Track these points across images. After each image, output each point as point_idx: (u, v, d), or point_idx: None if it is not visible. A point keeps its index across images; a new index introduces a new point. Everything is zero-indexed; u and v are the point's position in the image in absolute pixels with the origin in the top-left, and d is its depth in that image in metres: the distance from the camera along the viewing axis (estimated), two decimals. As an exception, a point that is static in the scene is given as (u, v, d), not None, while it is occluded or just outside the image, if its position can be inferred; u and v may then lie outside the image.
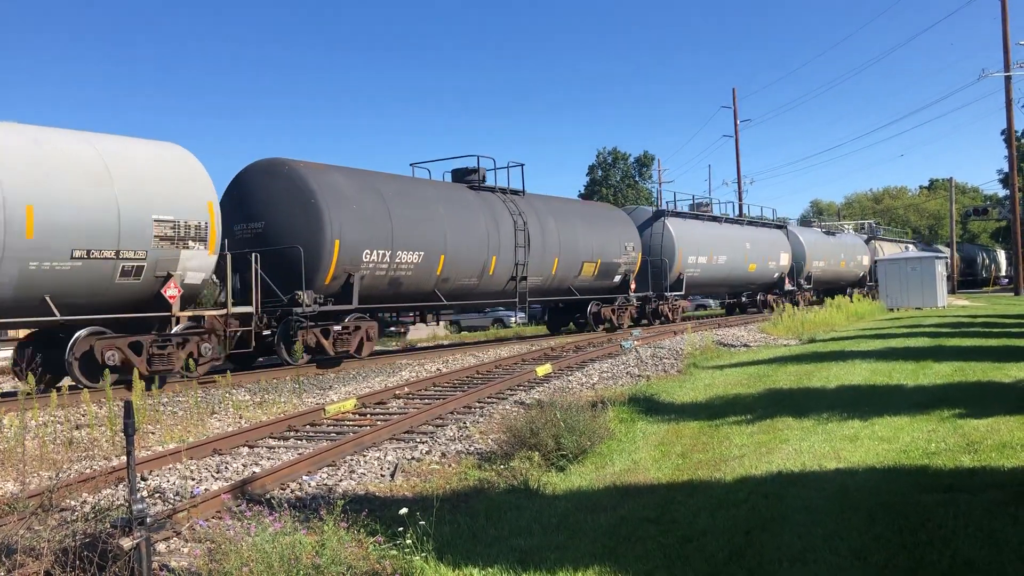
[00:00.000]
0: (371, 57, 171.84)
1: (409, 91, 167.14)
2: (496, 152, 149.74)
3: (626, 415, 10.00)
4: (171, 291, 13.36)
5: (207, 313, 14.40)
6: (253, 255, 15.20)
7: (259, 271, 15.16)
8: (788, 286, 36.68)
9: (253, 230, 16.31)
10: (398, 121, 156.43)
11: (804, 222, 44.41)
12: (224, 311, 14.62)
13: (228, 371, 12.89)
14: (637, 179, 73.15)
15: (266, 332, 15.92)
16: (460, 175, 21.94)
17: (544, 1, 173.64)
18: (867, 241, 48.28)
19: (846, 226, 51.96)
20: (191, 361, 13.50)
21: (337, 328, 16.49)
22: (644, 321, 28.06)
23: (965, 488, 5.57)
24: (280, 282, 15.61)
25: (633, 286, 26.80)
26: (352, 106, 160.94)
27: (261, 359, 17.13)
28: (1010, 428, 7.38)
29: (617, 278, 26.01)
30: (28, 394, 9.53)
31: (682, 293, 29.83)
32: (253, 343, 15.24)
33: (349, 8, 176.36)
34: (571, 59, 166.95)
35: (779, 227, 38.51)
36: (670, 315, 29.54)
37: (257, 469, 7.92)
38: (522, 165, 23.27)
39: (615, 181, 72.57)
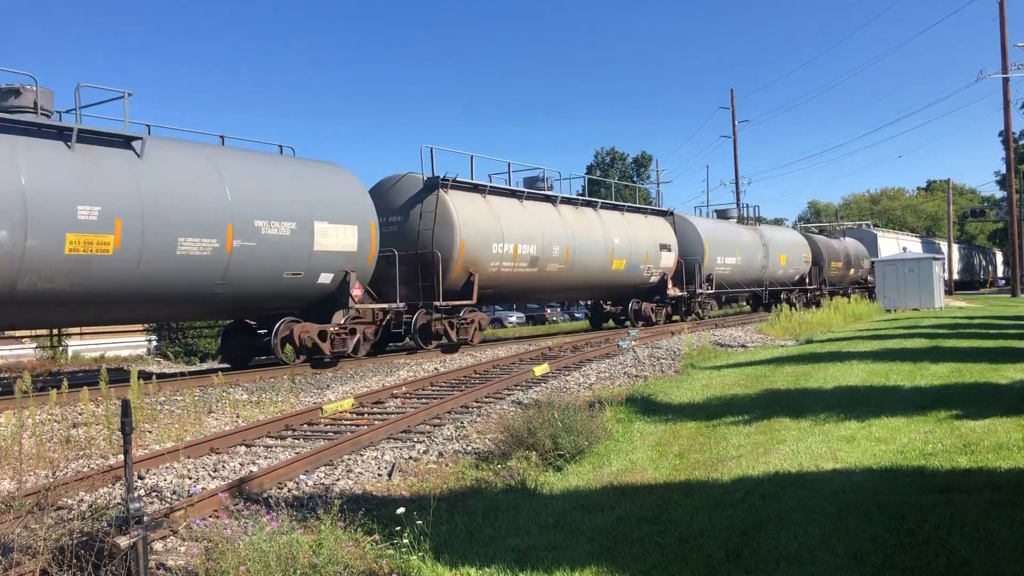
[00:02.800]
0: (368, 57, 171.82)
1: (407, 91, 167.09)
2: (495, 152, 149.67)
3: (623, 415, 10.00)
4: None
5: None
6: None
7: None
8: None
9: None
10: (395, 119, 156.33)
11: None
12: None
13: (220, 371, 12.86)
14: (635, 179, 73.22)
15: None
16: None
17: (541, 3, 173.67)
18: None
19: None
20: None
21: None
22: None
23: (962, 489, 5.58)
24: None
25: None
26: (350, 106, 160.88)
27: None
28: (1007, 429, 7.39)
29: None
30: (25, 392, 9.51)
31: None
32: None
33: (348, 8, 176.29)
34: (570, 60, 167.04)
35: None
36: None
37: (254, 468, 7.92)
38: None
39: (613, 181, 72.55)
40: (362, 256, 16.50)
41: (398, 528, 5.09)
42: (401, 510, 5.35)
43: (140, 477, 7.61)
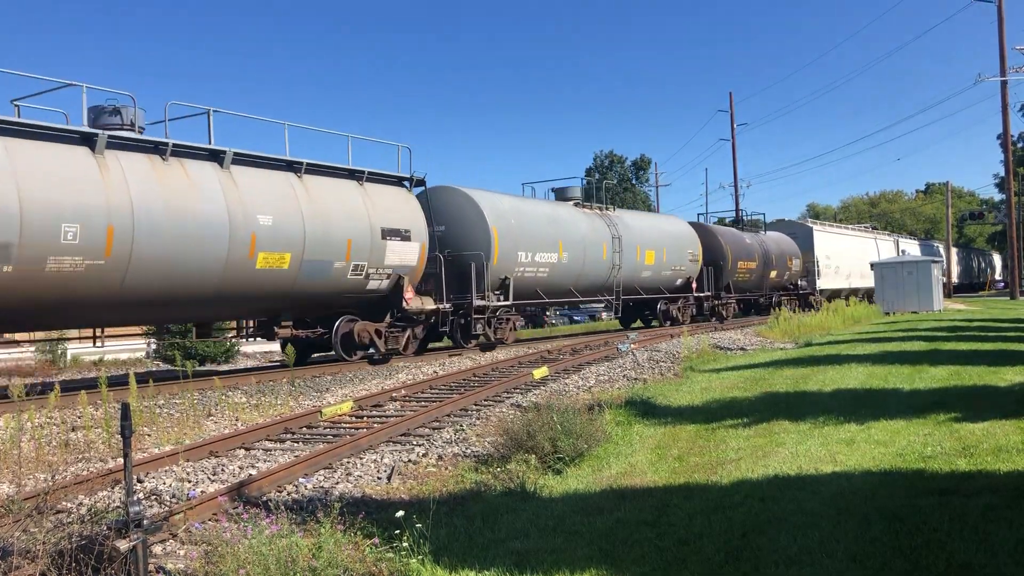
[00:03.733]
0: (366, 57, 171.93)
1: (404, 91, 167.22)
2: (493, 154, 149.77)
3: (623, 418, 10.01)
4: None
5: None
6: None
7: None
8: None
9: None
10: (395, 121, 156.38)
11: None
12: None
13: (216, 375, 12.84)
14: (634, 182, 73.30)
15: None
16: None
17: (540, 5, 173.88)
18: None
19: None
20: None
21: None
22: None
23: (961, 492, 5.58)
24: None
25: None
26: (351, 105, 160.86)
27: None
28: (1006, 432, 7.39)
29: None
30: (22, 396, 9.51)
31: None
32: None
33: (347, 9, 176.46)
34: (568, 62, 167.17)
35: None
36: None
37: (254, 471, 7.91)
38: (614, 183, 27.15)
39: (612, 184, 72.67)
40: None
41: (397, 531, 5.09)
42: (400, 513, 5.35)
43: (139, 480, 7.60)
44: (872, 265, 35.58)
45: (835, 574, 4.34)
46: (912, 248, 52.16)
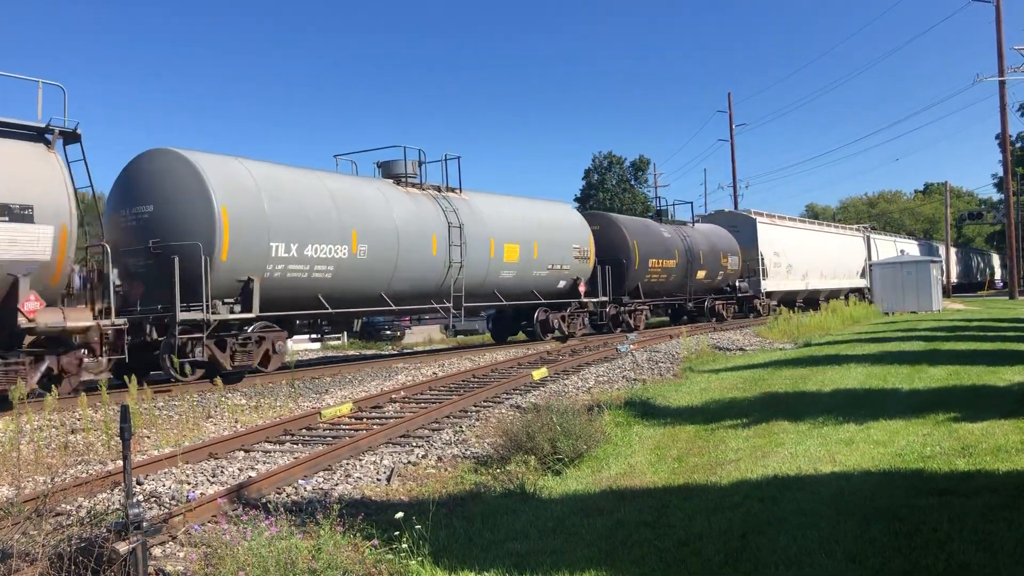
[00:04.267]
0: (364, 56, 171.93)
1: (403, 92, 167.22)
2: (492, 156, 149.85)
3: (622, 419, 10.01)
4: (581, 288, 24.37)
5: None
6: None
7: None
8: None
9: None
10: (391, 121, 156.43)
11: None
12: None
13: (218, 376, 12.84)
14: (633, 183, 73.36)
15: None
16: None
17: (538, 5, 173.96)
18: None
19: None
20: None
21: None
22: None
23: (960, 491, 5.58)
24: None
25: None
26: (348, 105, 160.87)
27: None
28: (1005, 432, 7.40)
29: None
30: (22, 399, 9.50)
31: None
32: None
33: (345, 8, 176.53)
34: (567, 63, 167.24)
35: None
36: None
37: (253, 473, 7.91)
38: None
39: (611, 185, 72.77)
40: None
41: (397, 533, 5.09)
42: (400, 515, 5.35)
43: (139, 482, 7.60)
44: (871, 266, 35.40)
45: (834, 574, 4.34)
46: (886, 245, 47.68)
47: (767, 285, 34.18)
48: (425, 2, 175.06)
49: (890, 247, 48.14)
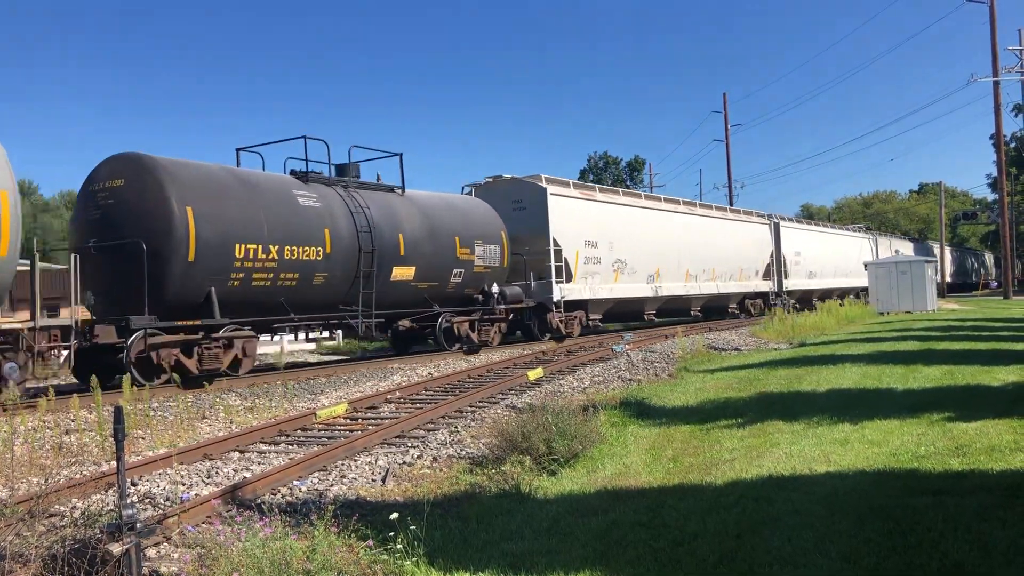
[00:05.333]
0: (362, 55, 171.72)
1: (400, 92, 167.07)
2: (490, 157, 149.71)
3: (617, 419, 10.01)
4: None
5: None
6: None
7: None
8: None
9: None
10: (386, 121, 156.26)
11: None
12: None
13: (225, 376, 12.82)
14: (629, 183, 73.42)
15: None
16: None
17: (535, 6, 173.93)
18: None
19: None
20: None
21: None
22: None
23: (954, 491, 5.59)
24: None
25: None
26: (346, 106, 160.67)
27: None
28: (999, 431, 7.41)
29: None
30: (15, 400, 9.48)
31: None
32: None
33: (344, 7, 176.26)
34: (564, 64, 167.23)
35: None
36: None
37: (248, 474, 7.89)
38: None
39: (607, 185, 72.82)
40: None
41: (392, 533, 5.08)
42: (395, 515, 5.35)
43: (133, 483, 7.58)
44: (865, 265, 35.03)
45: (829, 574, 4.35)
46: (794, 233, 38.74)
47: (565, 290, 22.94)
48: (425, 2, 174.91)
49: (764, 232, 37.00)
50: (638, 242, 26.62)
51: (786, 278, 37.01)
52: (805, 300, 36.81)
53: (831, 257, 42.53)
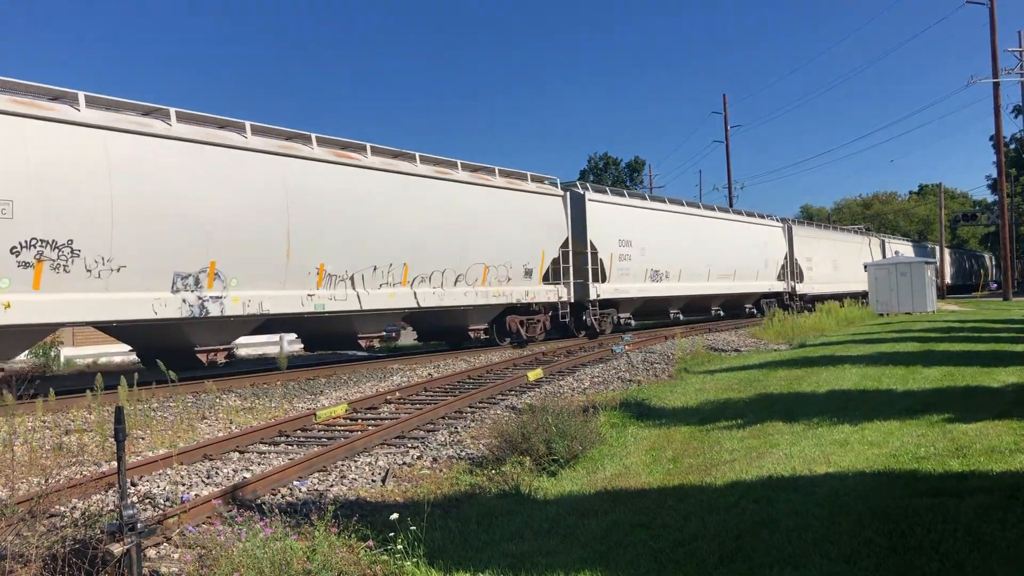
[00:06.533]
0: (360, 55, 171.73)
1: (401, 92, 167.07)
2: (490, 158, 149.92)
3: (617, 420, 10.01)
4: None
5: None
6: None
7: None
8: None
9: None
10: (384, 120, 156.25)
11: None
12: None
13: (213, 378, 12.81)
14: (629, 184, 73.45)
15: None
16: None
17: (535, 6, 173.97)
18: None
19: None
20: None
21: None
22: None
23: (954, 492, 5.60)
24: None
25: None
26: (345, 105, 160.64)
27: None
28: (998, 432, 7.42)
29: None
30: (15, 400, 9.47)
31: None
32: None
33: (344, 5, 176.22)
34: (564, 64, 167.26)
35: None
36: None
37: (248, 475, 7.89)
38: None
39: (607, 186, 72.89)
40: None
41: (392, 534, 5.09)
42: (395, 516, 5.35)
43: (133, 484, 7.57)
44: (865, 266, 34.96)
45: (829, 575, 4.35)
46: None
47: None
48: (425, 2, 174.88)
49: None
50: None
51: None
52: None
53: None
